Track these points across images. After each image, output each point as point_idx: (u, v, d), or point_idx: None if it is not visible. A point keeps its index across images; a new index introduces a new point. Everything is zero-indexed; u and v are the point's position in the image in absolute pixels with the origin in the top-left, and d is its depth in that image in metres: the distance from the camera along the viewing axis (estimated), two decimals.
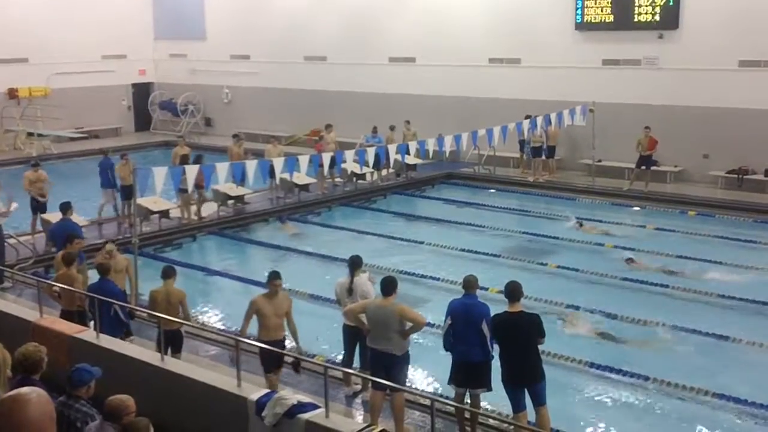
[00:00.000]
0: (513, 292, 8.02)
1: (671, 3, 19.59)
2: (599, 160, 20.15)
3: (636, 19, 20.05)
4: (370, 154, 15.89)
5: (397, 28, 24.07)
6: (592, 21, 20.70)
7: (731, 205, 17.55)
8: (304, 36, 26.00)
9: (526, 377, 8.03)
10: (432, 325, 10.18)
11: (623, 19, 20.22)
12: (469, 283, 8.37)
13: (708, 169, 19.38)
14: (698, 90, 19.47)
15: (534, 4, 21.69)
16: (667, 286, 12.81)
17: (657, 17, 19.81)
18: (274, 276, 8.90)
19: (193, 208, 16.73)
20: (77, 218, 13.69)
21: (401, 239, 15.84)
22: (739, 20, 18.89)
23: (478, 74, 22.62)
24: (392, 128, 20.79)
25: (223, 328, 11.41)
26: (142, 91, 29.76)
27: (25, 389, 3.46)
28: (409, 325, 8.28)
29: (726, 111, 19.02)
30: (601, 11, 20.52)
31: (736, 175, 18.96)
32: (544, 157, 20.56)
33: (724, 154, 18.90)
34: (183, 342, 9.54)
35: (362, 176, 19.69)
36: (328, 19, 25.41)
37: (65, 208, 12.79)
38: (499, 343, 8.10)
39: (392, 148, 16.30)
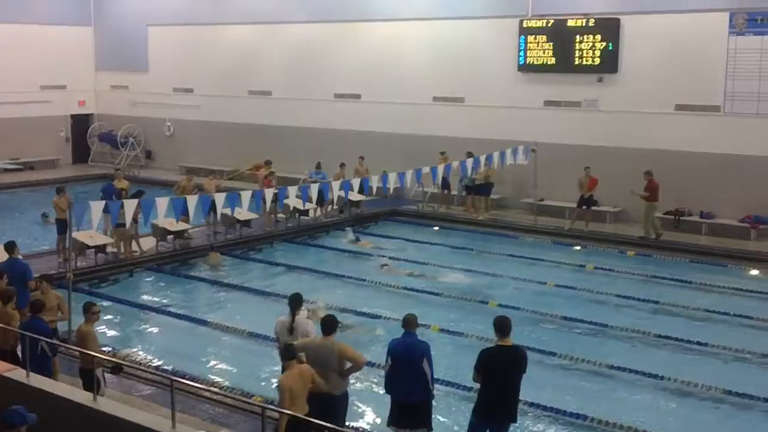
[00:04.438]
0: (504, 326, 7.96)
1: (610, 47, 20.26)
2: (541, 200, 20.50)
3: (577, 63, 20.69)
4: (314, 190, 15.96)
5: (343, 64, 24.28)
6: (535, 63, 21.28)
7: (669, 246, 17.97)
8: (248, 70, 26.03)
9: (505, 412, 7.97)
10: (372, 365, 10.14)
11: (564, 62, 20.84)
12: (409, 322, 8.38)
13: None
14: (637, 132, 20.05)
15: (478, 45, 22.15)
16: (605, 326, 12.98)
17: (597, 61, 20.47)
18: (289, 354, 8.00)
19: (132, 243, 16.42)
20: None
21: (343, 276, 15.80)
22: (675, 65, 19.60)
23: (422, 112, 22.95)
24: (342, 165, 20.85)
25: (158, 365, 11.18)
26: (81, 123, 29.30)
27: None
28: (348, 364, 8.24)
29: (664, 153, 19.58)
30: (543, 54, 21.10)
31: (673, 216, 19.41)
32: (483, 196, 20.84)
33: (662, 195, 19.11)
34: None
35: (305, 212, 19.65)
36: (273, 54, 25.52)
37: (11, 247, 11.86)
38: (487, 376, 7.97)
39: (336, 185, 16.34)
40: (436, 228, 20.47)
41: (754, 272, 16.54)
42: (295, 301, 9.22)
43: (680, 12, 19.49)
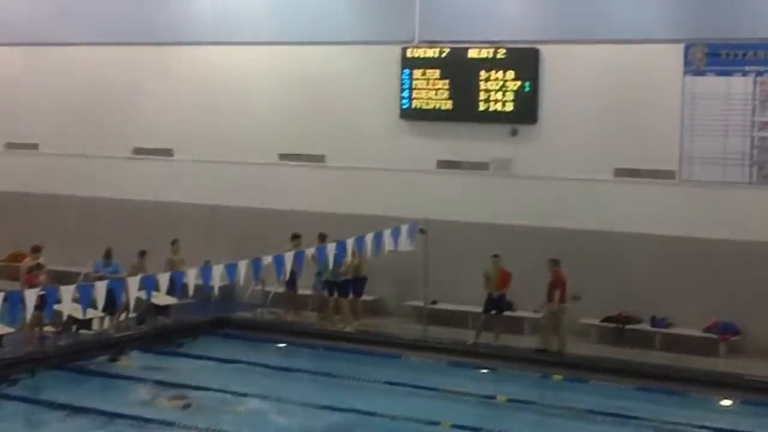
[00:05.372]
0: None
1: (527, 89, 20.96)
2: (433, 302, 20.67)
3: (482, 109, 21.28)
4: (100, 291, 15.60)
5: (148, 105, 24.30)
6: (424, 108, 21.76)
7: (610, 367, 18.18)
8: (5, 113, 25.69)
9: None
10: None
11: (465, 107, 21.40)
12: None
13: (579, 316, 19.99)
14: (564, 206, 20.61)
15: (345, 81, 22.54)
16: None
17: (509, 107, 21.07)
18: None
19: None
20: None
21: (143, 419, 15.31)
22: (615, 114, 20.38)
23: (264, 176, 23.16)
24: (142, 254, 20.51)
25: None
26: None
27: None
28: None
29: (600, 236, 20.13)
30: (436, 95, 21.61)
31: (615, 325, 19.89)
32: (351, 296, 20.88)
33: (600, 295, 19.71)
34: None
35: (87, 323, 19.15)
36: (43, 93, 25.26)
37: None
38: None
39: (134, 282, 16.02)
40: (282, 345, 20.25)
41: (725, 402, 16.79)
42: None
43: (620, 42, 20.28)
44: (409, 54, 21.88)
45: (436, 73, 21.66)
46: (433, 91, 21.71)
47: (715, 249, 19.55)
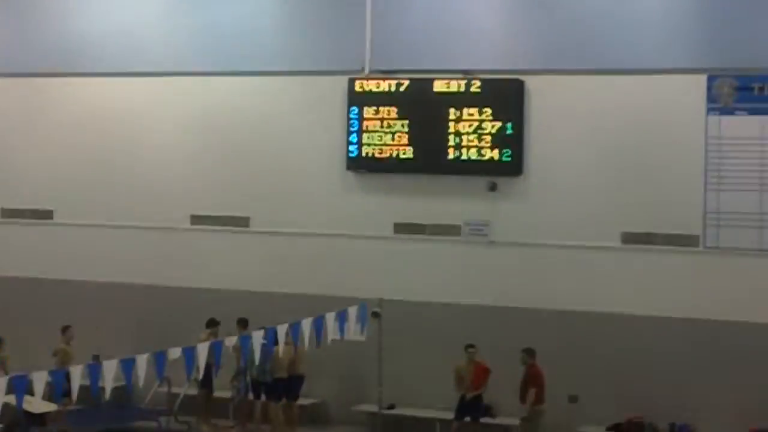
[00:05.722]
0: None
1: (509, 131, 20.17)
2: (390, 406, 20.26)
3: (452, 157, 20.55)
4: None
5: (18, 157, 23.77)
6: (377, 156, 21.02)
7: None
8: None
9: None
10: None
11: (430, 154, 20.68)
12: None
13: (578, 422, 19.56)
14: (556, 281, 20.04)
15: (273, 121, 22.00)
16: None
17: (487, 154, 20.27)
18: None
19: None
20: None
21: None
22: (621, 165, 19.76)
23: (171, 244, 22.62)
24: None
25: None
26: None
27: None
28: None
29: (603, 318, 19.62)
30: (392, 140, 20.82)
31: None
32: (284, 400, 20.35)
33: (603, 395, 19.29)
34: None
35: None
36: None
37: None
38: None
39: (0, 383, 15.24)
40: None
41: None
42: None
43: (627, 72, 19.81)
44: (357, 87, 21.11)
45: (393, 111, 20.91)
46: (388, 135, 20.91)
47: (749, 335, 18.95)
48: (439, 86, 20.65)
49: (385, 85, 20.95)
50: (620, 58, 19.77)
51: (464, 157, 20.49)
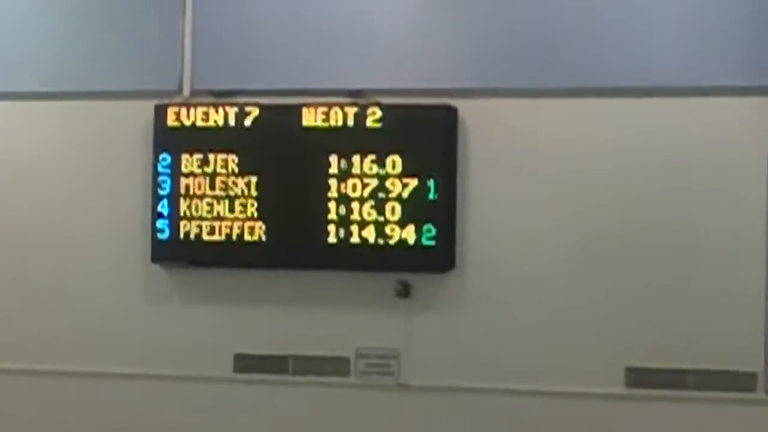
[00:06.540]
0: None
1: (431, 195, 14.14)
2: None
3: (333, 239, 14.66)
4: None
5: None
6: (204, 240, 15.09)
7: None
8: None
9: None
10: None
11: (296, 236, 14.78)
12: None
13: None
14: None
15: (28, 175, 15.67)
16: None
17: (395, 235, 14.19)
18: None
19: None
20: None
21: None
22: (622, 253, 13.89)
23: None
24: None
25: None
26: None
27: None
28: None
29: None
30: (232, 211, 14.74)
31: None
32: None
33: None
34: None
35: None
36: None
37: None
38: None
39: None
40: None
41: None
42: None
43: (631, 94, 13.50)
44: (171, 119, 14.30)
45: (232, 161, 14.30)
46: (225, 202, 14.33)
47: None
48: (310, 117, 13.92)
49: (218, 116, 14.10)
50: (625, 74, 13.50)
51: (355, 239, 13.92)
